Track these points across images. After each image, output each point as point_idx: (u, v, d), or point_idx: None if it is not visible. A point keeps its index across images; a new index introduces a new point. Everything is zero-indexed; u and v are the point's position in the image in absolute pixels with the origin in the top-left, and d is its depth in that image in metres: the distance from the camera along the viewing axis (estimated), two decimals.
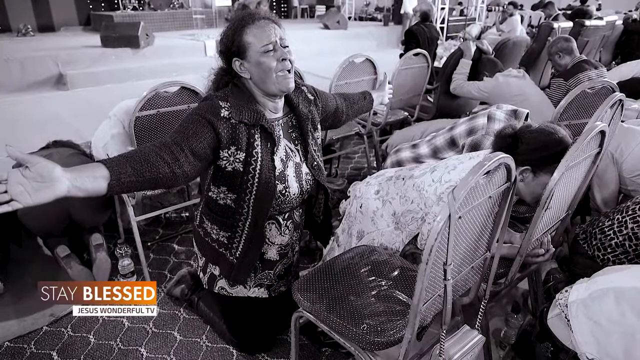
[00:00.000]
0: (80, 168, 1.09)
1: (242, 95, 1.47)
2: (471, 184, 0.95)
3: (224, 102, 1.42)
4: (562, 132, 1.44)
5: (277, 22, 1.46)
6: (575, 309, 1.25)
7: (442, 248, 0.99)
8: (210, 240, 1.65)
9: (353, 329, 1.23)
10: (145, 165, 1.21)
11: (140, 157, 1.21)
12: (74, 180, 1.03)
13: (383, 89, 2.12)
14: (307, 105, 1.63)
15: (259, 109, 1.47)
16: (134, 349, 1.81)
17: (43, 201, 0.98)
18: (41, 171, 0.98)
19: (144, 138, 1.98)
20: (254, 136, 1.45)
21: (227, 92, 1.47)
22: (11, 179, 0.96)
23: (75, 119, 4.82)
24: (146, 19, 8.28)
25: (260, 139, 1.47)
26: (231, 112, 1.41)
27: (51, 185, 0.99)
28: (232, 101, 1.43)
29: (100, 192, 1.11)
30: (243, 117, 1.42)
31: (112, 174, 1.12)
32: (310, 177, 1.64)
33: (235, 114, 1.41)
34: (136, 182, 1.19)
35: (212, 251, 1.66)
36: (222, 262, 1.65)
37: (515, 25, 8.04)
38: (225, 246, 1.61)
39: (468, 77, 3.22)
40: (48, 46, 7.30)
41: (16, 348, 1.81)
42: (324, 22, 10.69)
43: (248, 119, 1.43)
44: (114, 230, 2.55)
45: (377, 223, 1.74)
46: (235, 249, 1.59)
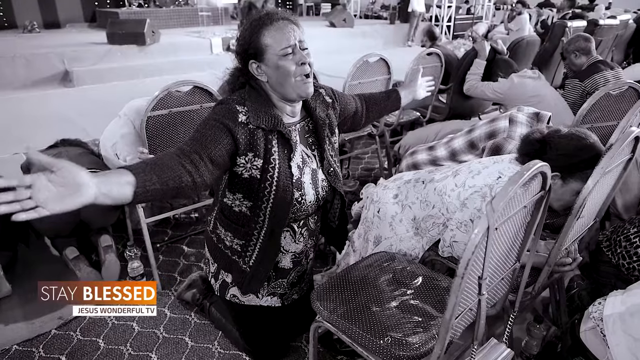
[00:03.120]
0: (105, 173, 1.03)
1: (259, 98, 1.41)
2: (511, 194, 0.90)
3: (241, 107, 1.37)
4: (594, 138, 1.39)
5: (296, 23, 1.40)
6: (612, 324, 1.20)
7: (478, 261, 0.94)
8: (223, 247, 1.60)
9: (376, 341, 1.19)
10: (169, 173, 1.15)
11: (163, 165, 1.16)
12: (101, 186, 0.96)
13: (414, 85, 1.98)
14: (324, 109, 1.58)
15: (277, 113, 1.42)
16: (145, 355, 1.77)
17: (70, 208, 0.91)
18: (67, 175, 0.91)
19: (156, 138, 1.94)
20: (271, 142, 1.40)
21: (243, 95, 1.41)
22: (37, 184, 0.88)
23: (82, 117, 4.78)
24: (152, 16, 8.24)
25: (277, 145, 1.42)
26: (249, 116, 1.36)
27: (78, 191, 0.91)
28: (249, 105, 1.38)
29: (125, 200, 1.05)
30: (261, 122, 1.37)
31: (139, 181, 1.06)
32: (326, 184, 1.59)
33: (252, 118, 1.36)
34: (160, 191, 1.13)
35: (225, 258, 1.61)
36: (235, 270, 1.60)
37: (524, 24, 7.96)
38: (239, 254, 1.56)
39: (482, 78, 3.16)
40: (54, 43, 7.25)
41: (25, 352, 1.77)
42: (330, 19, 10.61)
43: (266, 124, 1.38)
44: (123, 230, 2.51)
45: (395, 228, 1.69)
46: (249, 258, 1.54)
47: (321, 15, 13.06)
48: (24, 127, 4.46)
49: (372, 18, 13.08)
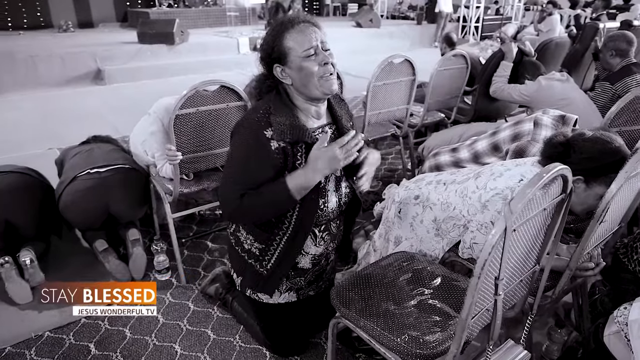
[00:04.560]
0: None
1: (284, 109, 1.44)
2: (529, 196, 0.90)
3: (269, 130, 1.40)
4: (619, 141, 1.37)
5: (317, 25, 1.43)
6: (638, 329, 1.18)
7: (495, 262, 0.95)
8: (240, 249, 1.65)
9: (394, 338, 1.20)
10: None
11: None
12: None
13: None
14: (348, 119, 1.63)
15: (301, 123, 1.45)
16: (169, 346, 1.83)
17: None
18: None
19: (183, 136, 1.99)
20: (297, 154, 1.45)
21: (268, 108, 1.43)
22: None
23: (112, 114, 4.93)
24: (181, 16, 8.41)
25: (303, 156, 1.46)
26: (277, 138, 1.40)
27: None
28: (274, 123, 1.40)
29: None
30: (286, 137, 1.41)
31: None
32: (349, 191, 1.63)
33: (279, 137, 1.40)
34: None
35: (239, 261, 1.66)
36: (247, 274, 1.65)
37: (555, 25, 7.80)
38: (256, 258, 1.60)
39: (509, 80, 3.13)
40: (87, 42, 7.49)
41: (56, 338, 1.85)
42: (357, 20, 10.61)
43: (291, 136, 1.41)
44: (150, 225, 2.59)
45: (416, 229, 1.70)
46: (267, 262, 1.59)
47: (348, 16, 13.07)
48: (58, 124, 4.63)
49: (399, 18, 13.01)
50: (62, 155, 2.55)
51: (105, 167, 2.22)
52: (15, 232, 2.12)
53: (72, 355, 1.77)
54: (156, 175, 2.26)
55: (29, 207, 2.16)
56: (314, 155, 1.38)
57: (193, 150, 2.07)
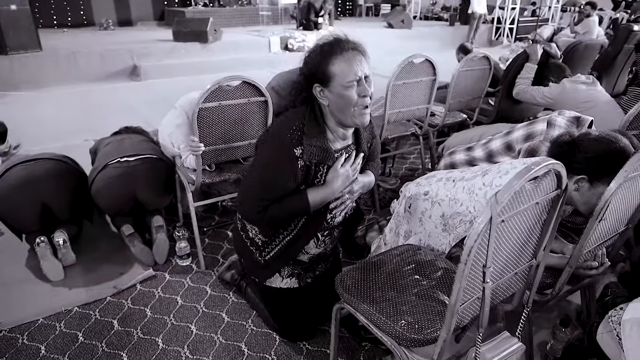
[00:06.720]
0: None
1: (316, 128, 1.50)
2: (515, 188, 0.95)
3: (299, 148, 1.47)
4: (624, 142, 1.38)
5: (365, 53, 1.46)
6: (629, 328, 1.20)
7: (482, 250, 0.99)
8: (245, 236, 1.75)
9: (391, 324, 1.26)
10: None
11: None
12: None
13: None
14: (369, 139, 1.71)
15: (329, 145, 1.53)
16: (185, 325, 1.94)
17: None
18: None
19: (206, 128, 2.10)
20: (318, 173, 1.55)
21: (302, 127, 1.49)
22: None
23: (146, 108, 5.14)
24: (215, 15, 8.65)
25: (323, 176, 1.57)
26: (305, 157, 1.48)
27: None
28: (305, 142, 1.47)
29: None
30: (313, 158, 1.50)
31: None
32: (354, 204, 1.76)
33: (307, 156, 1.48)
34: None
35: (241, 245, 1.77)
36: (246, 257, 1.76)
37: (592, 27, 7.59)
38: (258, 247, 1.71)
39: (533, 82, 3.10)
40: (125, 39, 7.81)
41: (83, 314, 1.99)
42: (388, 20, 10.62)
43: (318, 158, 1.51)
44: (174, 214, 2.72)
45: (424, 224, 1.74)
46: (267, 253, 1.70)
47: (380, 16, 13.07)
48: (95, 117, 4.87)
49: (433, 19, 12.91)
50: (96, 144, 2.70)
51: (134, 156, 2.35)
52: (51, 215, 2.27)
53: (97, 329, 1.91)
54: (181, 165, 2.37)
55: (64, 192, 2.31)
56: (331, 176, 1.56)
57: (215, 142, 2.17)
